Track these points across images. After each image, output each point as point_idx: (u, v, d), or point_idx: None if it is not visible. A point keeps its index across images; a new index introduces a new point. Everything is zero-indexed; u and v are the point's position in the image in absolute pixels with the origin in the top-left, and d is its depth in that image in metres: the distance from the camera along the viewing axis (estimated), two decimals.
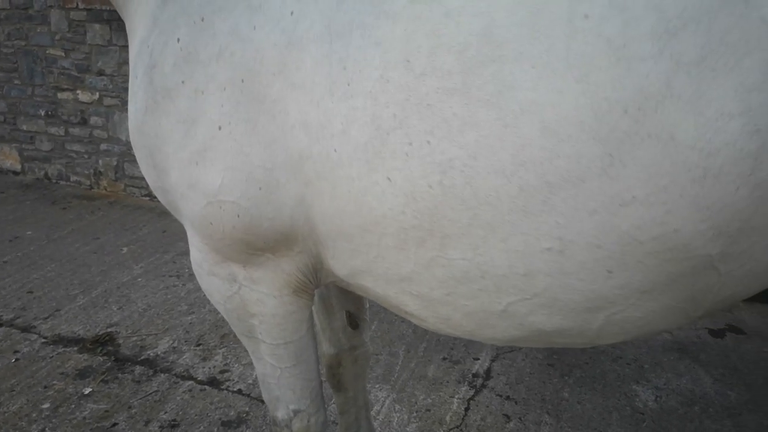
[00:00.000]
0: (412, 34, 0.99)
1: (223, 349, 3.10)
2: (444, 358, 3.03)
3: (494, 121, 0.94)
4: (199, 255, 1.31)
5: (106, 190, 5.82)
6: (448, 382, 2.84)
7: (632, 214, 0.92)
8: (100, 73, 5.50)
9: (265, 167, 1.12)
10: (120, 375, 2.87)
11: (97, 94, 5.59)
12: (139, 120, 1.24)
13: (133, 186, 5.68)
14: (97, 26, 5.37)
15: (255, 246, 1.22)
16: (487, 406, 2.67)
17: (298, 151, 1.09)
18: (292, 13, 1.08)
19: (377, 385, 2.80)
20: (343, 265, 1.21)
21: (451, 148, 0.97)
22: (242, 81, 1.10)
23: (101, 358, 3.01)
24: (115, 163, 5.72)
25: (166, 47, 1.19)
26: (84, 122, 5.75)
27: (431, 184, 0.99)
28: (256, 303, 1.32)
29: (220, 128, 1.12)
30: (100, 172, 5.82)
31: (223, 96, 1.12)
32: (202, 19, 1.15)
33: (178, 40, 1.17)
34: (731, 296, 1.04)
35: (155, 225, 4.93)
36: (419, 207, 1.02)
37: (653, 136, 0.88)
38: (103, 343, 3.16)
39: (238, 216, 1.16)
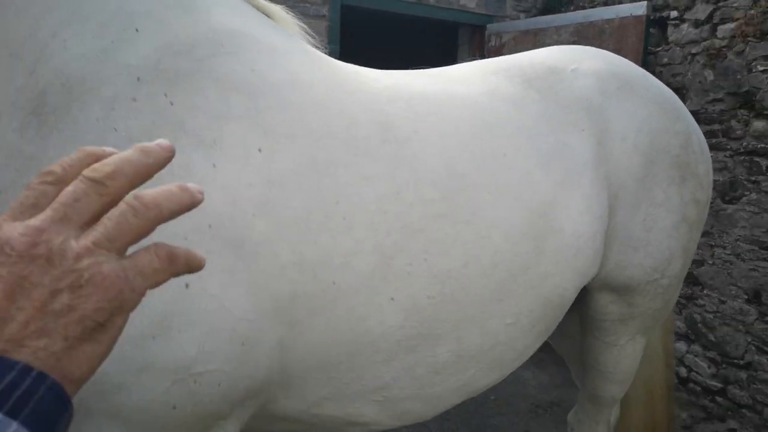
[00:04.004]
0: (394, 171, 1.12)
1: None
2: None
3: (474, 235, 1.17)
4: None
5: None
6: None
7: (549, 283, 1.30)
8: None
9: (248, 319, 0.98)
10: None
11: None
12: None
13: None
14: None
15: (219, 415, 1.03)
16: None
17: (289, 293, 1.02)
18: (260, 149, 1.02)
19: None
20: (301, 400, 1.15)
21: (447, 261, 1.15)
22: (210, 227, 0.96)
23: None
24: None
25: None
26: None
27: (432, 295, 1.14)
28: None
29: (187, 286, 0.94)
30: None
31: (185, 246, 0.94)
32: None
33: None
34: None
35: None
36: (419, 317, 1.14)
37: (554, 231, 1.29)
38: None
39: (219, 385, 0.97)
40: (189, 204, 0.45)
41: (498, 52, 4.66)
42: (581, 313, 1.75)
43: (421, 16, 4.69)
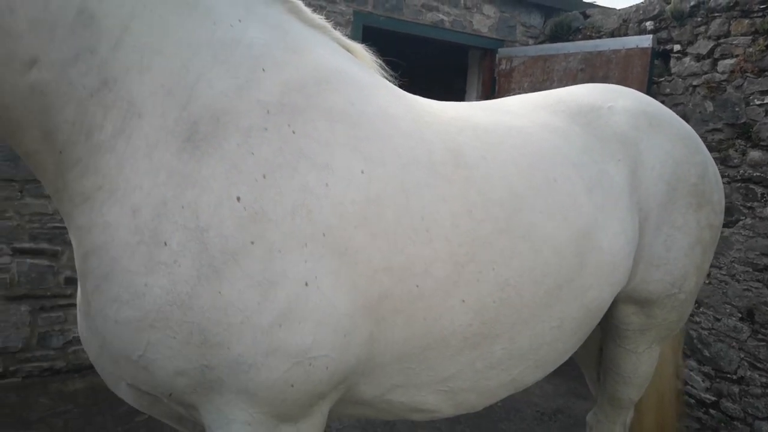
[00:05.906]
0: (466, 192, 1.31)
1: None
2: None
3: (529, 249, 1.36)
4: (248, 429, 1.16)
5: None
6: None
7: (590, 294, 1.50)
8: None
9: (348, 314, 1.18)
10: None
11: None
12: (183, 293, 1.06)
13: None
14: None
15: (322, 395, 1.21)
16: None
17: (378, 294, 1.21)
18: (362, 172, 1.21)
19: None
20: (377, 386, 1.33)
21: (507, 271, 1.34)
22: (324, 235, 1.15)
23: None
24: None
25: (220, 207, 1.08)
26: None
27: (495, 300, 1.33)
28: None
29: (306, 284, 1.12)
30: None
31: (305, 252, 1.13)
32: (264, 177, 1.12)
33: (239, 198, 1.09)
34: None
35: None
36: (484, 318, 1.33)
37: (595, 248, 1.49)
38: None
39: (327, 368, 1.17)
40: None
41: (508, 75, 4.89)
42: (604, 322, 1.95)
43: (436, 39, 4.92)
